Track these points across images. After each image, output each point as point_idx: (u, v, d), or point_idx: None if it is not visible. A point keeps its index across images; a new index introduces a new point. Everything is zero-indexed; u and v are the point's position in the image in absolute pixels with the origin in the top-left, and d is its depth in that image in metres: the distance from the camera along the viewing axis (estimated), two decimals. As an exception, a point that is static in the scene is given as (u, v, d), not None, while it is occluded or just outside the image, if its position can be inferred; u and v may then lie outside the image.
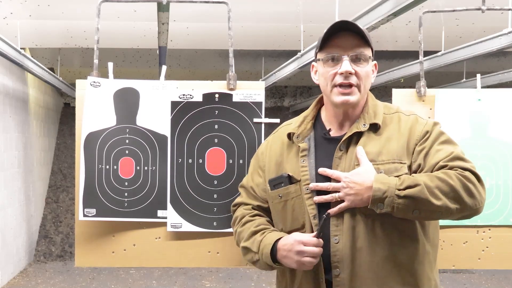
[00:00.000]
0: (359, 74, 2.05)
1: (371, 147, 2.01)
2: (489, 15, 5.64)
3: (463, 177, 1.91)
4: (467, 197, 1.90)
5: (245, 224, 2.23)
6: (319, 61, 2.11)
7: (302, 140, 2.13)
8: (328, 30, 2.05)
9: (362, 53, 2.05)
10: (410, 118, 2.08)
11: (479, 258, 3.31)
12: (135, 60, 9.69)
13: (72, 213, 9.52)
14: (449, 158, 1.96)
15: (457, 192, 1.89)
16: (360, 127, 2.04)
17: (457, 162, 1.95)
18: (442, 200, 1.87)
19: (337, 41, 2.06)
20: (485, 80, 7.25)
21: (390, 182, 1.90)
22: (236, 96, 3.11)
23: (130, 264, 3.15)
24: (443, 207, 1.88)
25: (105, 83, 3.08)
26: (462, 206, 1.90)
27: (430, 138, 2.01)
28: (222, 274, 8.02)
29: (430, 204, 1.88)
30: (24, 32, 6.84)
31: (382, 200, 1.89)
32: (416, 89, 3.33)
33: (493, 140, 3.31)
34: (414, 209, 1.89)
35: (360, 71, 2.05)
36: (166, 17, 5.31)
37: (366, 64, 2.07)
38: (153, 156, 3.10)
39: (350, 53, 2.04)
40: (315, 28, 6.47)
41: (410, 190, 1.88)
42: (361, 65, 2.05)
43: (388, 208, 1.89)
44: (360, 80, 2.05)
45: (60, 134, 11.28)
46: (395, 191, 1.88)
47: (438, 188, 1.88)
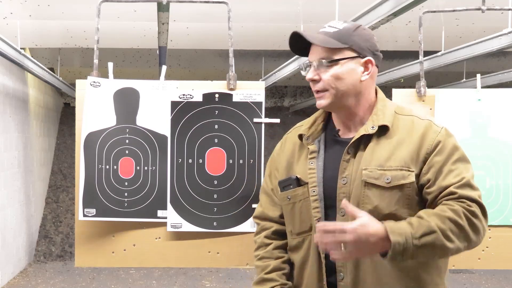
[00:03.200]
0: (324, 79, 2.03)
1: (380, 151, 1.99)
2: (489, 15, 5.64)
3: (470, 213, 1.90)
4: (473, 235, 1.90)
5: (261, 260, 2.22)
6: None
7: (312, 141, 2.11)
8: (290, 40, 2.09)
9: (325, 58, 2.04)
10: (423, 123, 2.01)
11: (479, 258, 3.31)
12: (135, 60, 9.69)
13: (72, 213, 9.52)
14: (460, 184, 1.94)
15: (466, 231, 1.89)
16: (368, 129, 2.02)
17: (466, 191, 1.93)
18: (455, 242, 1.88)
19: (311, 47, 2.09)
20: (485, 80, 7.25)
21: (406, 232, 1.83)
22: (236, 96, 3.11)
23: (130, 264, 3.15)
24: (455, 248, 1.89)
25: (105, 83, 3.08)
26: (469, 244, 1.92)
27: (443, 152, 1.97)
28: (222, 274, 8.02)
29: (445, 248, 1.87)
30: (24, 32, 6.83)
31: (402, 253, 1.83)
32: (416, 89, 3.33)
33: (493, 140, 3.31)
34: (433, 255, 1.90)
35: (325, 76, 2.03)
36: (166, 17, 5.31)
37: (333, 67, 2.03)
38: (153, 156, 3.10)
39: (316, 59, 2.05)
40: (315, 28, 6.46)
41: (426, 238, 1.84)
42: (328, 69, 2.03)
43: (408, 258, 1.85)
44: (327, 84, 2.03)
45: (60, 134, 11.28)
46: (412, 241, 1.83)
47: (451, 230, 1.87)
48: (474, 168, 3.21)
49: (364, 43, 2.07)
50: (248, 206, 3.13)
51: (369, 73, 2.08)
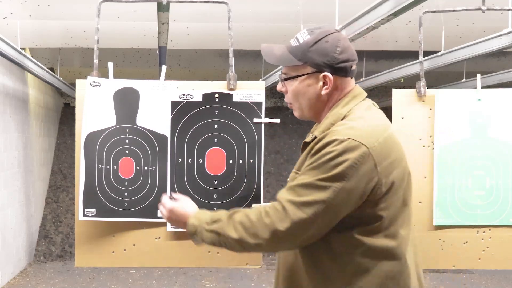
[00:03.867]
0: (288, 93, 2.13)
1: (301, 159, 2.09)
2: (489, 15, 5.63)
3: (264, 212, 1.97)
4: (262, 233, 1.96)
5: None
6: None
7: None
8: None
9: (285, 73, 2.12)
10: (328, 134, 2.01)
11: (479, 258, 3.31)
12: (135, 60, 9.68)
13: (72, 213, 9.52)
14: (287, 186, 2.01)
15: (255, 228, 1.97)
16: (308, 138, 2.11)
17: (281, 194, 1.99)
18: (240, 233, 1.99)
19: None
20: (485, 80, 7.24)
21: (202, 218, 2.08)
22: (236, 96, 3.11)
23: (130, 264, 3.15)
24: (239, 240, 1.99)
25: (105, 83, 3.08)
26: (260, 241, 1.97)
27: (312, 158, 1.98)
28: (222, 274, 8.01)
29: (228, 237, 2.01)
30: (24, 32, 6.83)
31: (195, 233, 2.08)
32: (416, 89, 3.33)
33: (493, 140, 3.31)
34: (220, 241, 2.04)
35: (288, 90, 2.13)
36: (166, 17, 5.31)
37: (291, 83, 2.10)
38: (153, 156, 3.10)
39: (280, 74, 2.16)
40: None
41: (214, 225, 2.04)
42: (290, 84, 2.11)
43: (200, 241, 2.09)
44: (290, 98, 2.14)
45: (60, 134, 11.28)
46: (204, 226, 2.06)
47: (241, 223, 1.99)
48: (474, 168, 3.21)
49: (321, 59, 2.06)
50: (248, 206, 3.13)
51: (328, 87, 2.08)
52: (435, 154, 3.27)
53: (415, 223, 3.25)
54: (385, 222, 1.97)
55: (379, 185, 1.94)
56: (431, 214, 3.27)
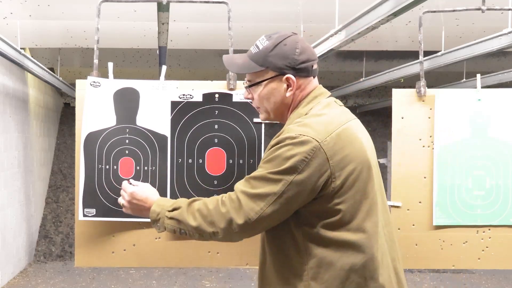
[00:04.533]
0: (254, 98, 2.20)
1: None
2: (489, 15, 5.64)
3: (221, 202, 2.05)
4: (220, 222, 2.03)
5: None
6: None
7: None
8: None
9: (249, 80, 2.20)
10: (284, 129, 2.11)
11: (479, 258, 3.31)
12: (135, 60, 9.68)
13: (72, 213, 9.52)
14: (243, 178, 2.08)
15: (212, 216, 2.04)
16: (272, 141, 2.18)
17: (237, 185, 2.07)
18: (198, 221, 2.05)
19: None
20: (485, 80, 7.24)
21: (164, 205, 2.15)
22: (236, 96, 3.11)
23: (130, 264, 3.15)
24: (198, 228, 2.05)
25: (105, 83, 3.08)
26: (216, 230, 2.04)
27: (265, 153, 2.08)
28: (222, 274, 8.02)
29: (187, 224, 2.07)
30: (24, 32, 6.83)
31: (157, 221, 2.15)
32: (416, 89, 3.33)
33: (493, 140, 3.31)
34: (180, 228, 2.10)
35: (254, 95, 2.20)
36: (166, 17, 5.31)
37: (256, 88, 2.17)
38: (153, 156, 3.10)
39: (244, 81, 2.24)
40: (315, 28, 6.47)
41: (174, 212, 2.11)
42: (255, 90, 2.18)
43: (162, 228, 2.14)
44: (257, 103, 2.21)
45: (60, 134, 11.28)
46: (165, 213, 2.12)
47: (199, 210, 2.06)
48: (474, 168, 3.22)
49: (281, 62, 2.13)
50: (248, 206, 3.13)
51: (292, 89, 2.14)
52: (435, 154, 3.28)
53: (415, 223, 3.27)
54: (346, 216, 2.02)
55: (332, 178, 2.00)
56: (431, 214, 3.28)
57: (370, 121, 12.26)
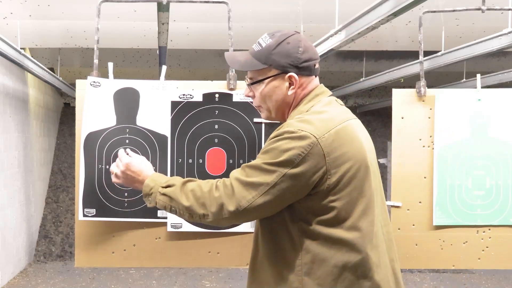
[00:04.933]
0: (256, 97, 2.20)
1: None
2: (489, 15, 5.64)
3: (215, 186, 2.05)
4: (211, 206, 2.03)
5: None
6: None
7: None
8: None
9: (251, 78, 2.19)
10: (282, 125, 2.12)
11: (479, 258, 3.31)
12: (135, 60, 9.68)
13: (72, 213, 9.52)
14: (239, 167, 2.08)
15: (204, 199, 2.04)
16: None
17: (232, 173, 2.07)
18: (190, 202, 2.06)
19: None
20: (485, 80, 7.24)
21: (158, 180, 2.16)
22: (236, 96, 3.11)
23: (130, 264, 3.15)
24: (189, 208, 2.06)
25: (105, 83, 3.08)
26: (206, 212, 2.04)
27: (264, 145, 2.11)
28: (222, 274, 8.02)
29: (179, 203, 2.08)
30: (24, 32, 6.83)
31: (150, 195, 2.16)
32: (416, 89, 3.33)
33: (493, 140, 3.31)
34: (171, 205, 2.10)
35: (256, 94, 2.19)
36: (166, 17, 5.31)
37: (258, 86, 2.17)
38: (153, 156, 3.10)
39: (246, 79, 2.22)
40: (315, 28, 6.47)
41: (168, 189, 2.11)
42: (257, 88, 2.18)
43: (153, 203, 2.14)
44: (258, 102, 2.20)
45: (60, 134, 11.28)
46: (158, 188, 2.13)
47: (192, 191, 2.07)
48: (474, 168, 3.22)
49: (284, 60, 2.13)
50: (248, 206, 3.13)
51: (294, 87, 2.15)
52: (435, 154, 3.28)
53: (415, 223, 3.27)
54: (341, 214, 2.03)
55: (328, 175, 2.00)
56: (431, 214, 3.28)
57: (370, 121, 12.26)
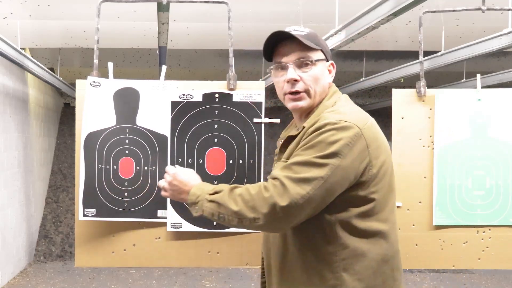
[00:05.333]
0: (305, 79, 2.10)
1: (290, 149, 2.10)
2: (489, 15, 5.64)
3: (263, 187, 1.98)
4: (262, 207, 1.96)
5: None
6: (272, 70, 2.19)
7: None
8: (266, 41, 2.13)
9: (306, 58, 2.09)
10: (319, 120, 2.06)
11: (479, 258, 3.31)
12: (135, 60, 9.68)
13: (72, 213, 9.52)
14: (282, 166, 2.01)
15: (254, 201, 1.97)
16: (293, 131, 2.14)
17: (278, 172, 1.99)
18: (239, 206, 1.99)
19: (281, 49, 2.12)
20: (485, 80, 7.25)
21: (204, 188, 2.11)
22: (236, 96, 3.11)
23: (130, 264, 3.15)
24: (238, 213, 1.99)
25: (105, 83, 3.08)
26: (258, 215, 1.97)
27: (305, 141, 2.02)
28: (222, 274, 8.02)
29: (228, 209, 2.01)
30: (24, 32, 6.83)
31: (196, 203, 2.10)
32: (416, 89, 3.33)
33: (493, 140, 3.31)
34: (219, 212, 2.04)
35: (305, 76, 2.09)
36: (166, 17, 5.31)
37: (313, 67, 2.10)
38: (153, 156, 3.10)
39: (294, 60, 2.10)
40: (315, 28, 6.45)
41: (215, 195, 2.06)
42: (306, 69, 2.10)
43: (200, 211, 2.09)
44: (307, 85, 2.10)
45: (60, 134, 11.28)
46: (205, 196, 2.08)
47: (241, 195, 2.00)
48: (474, 168, 3.21)
49: (326, 48, 2.16)
50: (248, 206, 3.13)
51: (332, 76, 2.17)
52: (435, 154, 3.28)
53: (415, 223, 3.27)
54: (377, 206, 2.02)
55: (370, 166, 2.00)
56: (431, 214, 3.28)
57: (370, 121, 12.26)
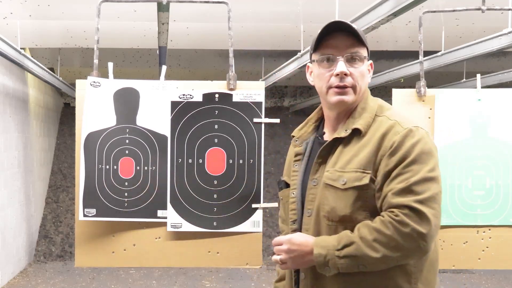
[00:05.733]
0: (354, 75, 2.00)
1: (345, 155, 1.98)
2: (489, 15, 5.64)
3: (397, 222, 1.84)
4: (407, 243, 1.84)
5: None
6: (314, 62, 2.07)
7: (300, 143, 2.13)
8: (322, 30, 2.02)
9: (357, 53, 2.00)
10: (388, 123, 1.97)
11: (479, 258, 3.31)
12: (135, 60, 9.68)
13: (72, 213, 9.52)
14: (396, 190, 1.87)
15: (395, 241, 1.84)
16: (341, 133, 2.01)
17: (398, 199, 1.86)
18: (381, 251, 1.85)
19: (331, 41, 2.02)
20: (485, 80, 7.24)
21: (328, 245, 1.90)
22: (236, 96, 3.11)
23: (130, 264, 3.15)
24: (383, 258, 1.86)
25: (105, 83, 3.08)
26: (405, 253, 1.86)
27: (396, 154, 1.90)
28: (222, 274, 8.01)
29: (369, 258, 1.86)
30: (24, 32, 6.83)
31: (327, 264, 1.90)
32: (416, 89, 3.33)
33: (493, 140, 3.31)
34: (358, 265, 1.88)
35: (354, 71, 2.00)
36: (166, 17, 5.31)
37: (361, 64, 2.02)
38: (153, 156, 3.10)
39: (345, 54, 2.00)
40: (315, 28, 6.44)
41: (347, 249, 1.88)
42: (356, 65, 2.01)
43: (334, 270, 1.90)
44: (355, 80, 2.01)
45: (60, 134, 11.28)
46: (334, 253, 1.89)
47: (376, 240, 1.86)
48: (474, 168, 3.20)
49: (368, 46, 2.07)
50: (248, 206, 3.13)
51: (371, 75, 2.08)
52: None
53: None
54: None
55: None
56: (431, 214, 3.27)
57: (370, 121, 12.24)
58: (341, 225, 1.95)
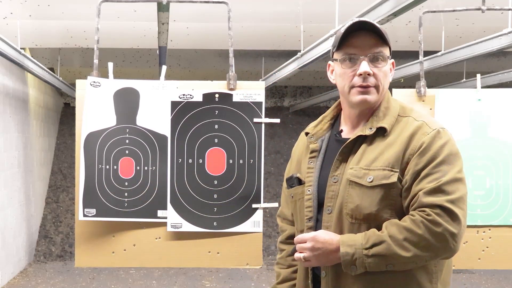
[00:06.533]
0: (377, 75, 1.99)
1: (371, 152, 1.97)
2: (489, 15, 5.64)
3: (429, 222, 1.84)
4: (438, 243, 1.84)
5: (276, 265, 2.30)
6: (336, 61, 2.06)
7: (315, 140, 2.11)
8: (346, 29, 2.00)
9: (380, 52, 1.99)
10: (416, 124, 1.97)
11: (479, 258, 3.31)
12: (135, 60, 9.68)
13: (72, 213, 9.52)
14: (428, 190, 1.87)
15: (427, 240, 1.84)
16: (365, 130, 1.99)
17: (430, 198, 1.86)
18: (412, 251, 1.85)
19: (354, 40, 2.00)
20: (485, 80, 7.24)
21: (356, 243, 1.88)
22: (236, 96, 3.11)
23: (130, 264, 3.15)
24: (413, 257, 1.85)
25: (105, 83, 3.09)
26: (435, 253, 1.86)
27: (426, 154, 1.90)
28: (222, 274, 8.01)
29: (399, 257, 1.85)
30: (24, 32, 6.83)
31: (353, 262, 1.88)
32: (416, 89, 3.33)
33: (493, 140, 3.31)
34: (386, 264, 1.87)
35: (378, 71, 1.99)
36: (166, 17, 5.31)
37: (384, 64, 2.00)
38: (153, 156, 3.10)
39: (368, 53, 1.98)
40: (315, 28, 6.46)
41: (376, 248, 1.86)
42: (379, 65, 1.99)
43: (361, 269, 1.88)
44: (378, 80, 2.00)
45: (60, 134, 11.28)
46: (362, 252, 1.87)
47: (407, 239, 1.85)
48: (474, 168, 3.21)
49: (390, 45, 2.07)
50: (248, 206, 3.13)
51: (392, 75, 2.07)
52: (435, 154, 3.28)
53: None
54: None
55: None
56: (431, 214, 3.27)
57: (370, 121, 12.24)
58: (365, 223, 1.93)
